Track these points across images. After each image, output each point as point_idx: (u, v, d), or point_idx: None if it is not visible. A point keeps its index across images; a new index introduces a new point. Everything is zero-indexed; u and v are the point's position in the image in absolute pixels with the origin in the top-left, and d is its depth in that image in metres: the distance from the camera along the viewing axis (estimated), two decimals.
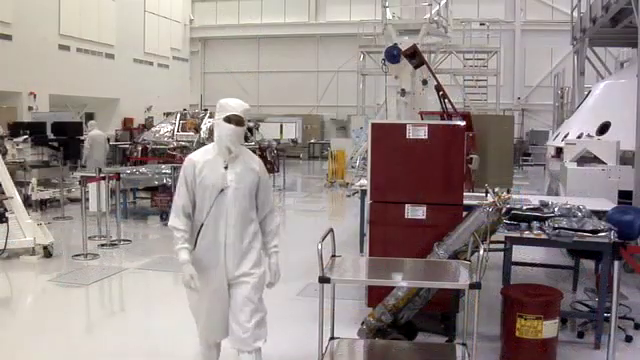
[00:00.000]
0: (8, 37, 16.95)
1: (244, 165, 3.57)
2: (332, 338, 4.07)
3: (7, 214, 7.22)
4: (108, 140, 17.51)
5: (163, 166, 11.33)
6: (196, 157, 3.58)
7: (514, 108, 23.90)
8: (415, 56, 10.21)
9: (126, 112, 22.55)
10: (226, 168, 3.51)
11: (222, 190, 3.47)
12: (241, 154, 3.59)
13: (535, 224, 4.72)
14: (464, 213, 4.73)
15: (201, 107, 23.28)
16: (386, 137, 4.89)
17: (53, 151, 11.67)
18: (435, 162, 4.80)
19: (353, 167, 16.85)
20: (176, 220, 3.49)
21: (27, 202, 9.84)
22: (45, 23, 18.32)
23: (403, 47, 10.36)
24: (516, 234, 4.71)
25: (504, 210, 4.45)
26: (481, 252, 3.41)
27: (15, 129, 11.65)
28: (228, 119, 3.48)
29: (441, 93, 9.65)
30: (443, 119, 8.94)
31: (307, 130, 25.87)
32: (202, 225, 3.49)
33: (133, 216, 10.77)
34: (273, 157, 14.59)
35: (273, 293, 3.68)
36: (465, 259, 4.20)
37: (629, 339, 4.74)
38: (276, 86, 26.97)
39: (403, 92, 10.52)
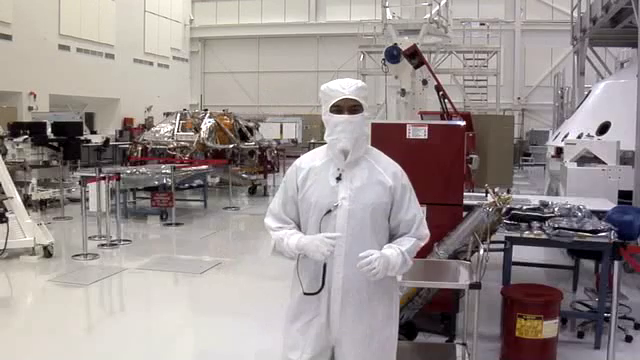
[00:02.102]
0: (8, 37, 16.99)
1: (369, 175, 2.51)
2: None
3: (7, 214, 7.21)
4: (108, 140, 17.58)
5: (163, 166, 11.34)
6: (302, 161, 2.60)
7: (514, 108, 23.90)
8: (415, 56, 10.19)
9: (126, 112, 22.61)
10: (339, 179, 2.50)
11: (329, 211, 2.47)
12: (366, 159, 2.54)
13: (535, 224, 4.72)
14: (464, 213, 4.73)
15: (201, 107, 23.32)
16: (386, 137, 4.88)
17: (53, 151, 11.67)
18: (435, 162, 4.79)
19: None
20: (269, 219, 2.64)
21: (27, 202, 9.84)
22: (45, 23, 18.36)
23: (403, 47, 10.34)
24: (516, 234, 4.70)
25: (504, 210, 4.45)
26: (481, 252, 3.41)
27: (15, 129, 11.62)
28: (337, 108, 2.45)
29: (441, 93, 9.64)
30: (443, 119, 8.93)
31: (307, 130, 25.82)
32: (298, 259, 2.50)
33: (133, 216, 10.76)
34: (273, 157, 14.62)
35: (273, 293, 3.68)
36: (465, 259, 4.20)
37: (629, 339, 4.74)
38: (276, 86, 26.95)
39: (403, 92, 10.50)
